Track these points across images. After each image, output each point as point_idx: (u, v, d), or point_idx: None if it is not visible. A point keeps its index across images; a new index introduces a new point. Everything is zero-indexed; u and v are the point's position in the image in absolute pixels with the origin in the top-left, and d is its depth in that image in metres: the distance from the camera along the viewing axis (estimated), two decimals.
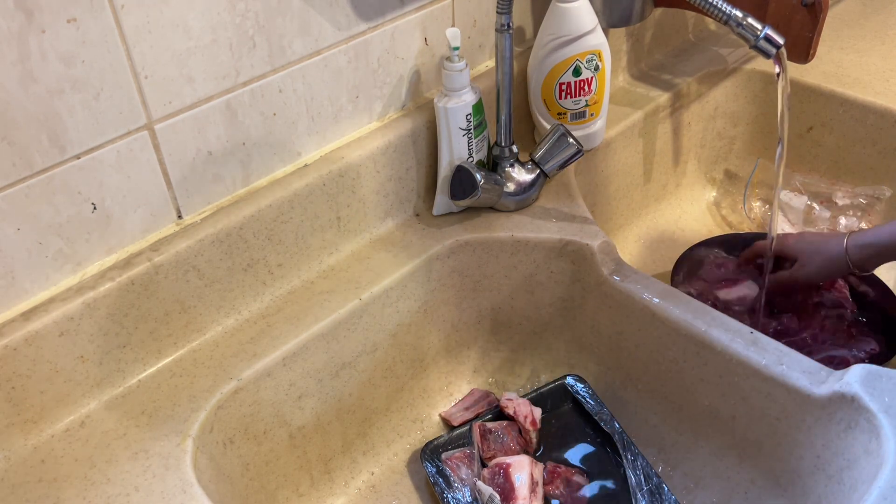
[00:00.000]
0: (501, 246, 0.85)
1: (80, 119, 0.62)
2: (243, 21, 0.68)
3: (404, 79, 0.83)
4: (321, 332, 0.75)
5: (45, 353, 0.64)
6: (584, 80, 0.90)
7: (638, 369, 0.83)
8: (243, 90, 0.70)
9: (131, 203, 0.68)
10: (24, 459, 0.64)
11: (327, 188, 0.78)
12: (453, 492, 0.77)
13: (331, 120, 0.79)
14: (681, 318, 0.76)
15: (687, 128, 1.12)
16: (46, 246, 0.64)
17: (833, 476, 0.67)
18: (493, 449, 0.80)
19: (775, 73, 0.76)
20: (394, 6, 0.78)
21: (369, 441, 0.83)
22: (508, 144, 0.86)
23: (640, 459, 0.77)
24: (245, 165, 0.74)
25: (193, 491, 0.61)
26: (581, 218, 0.86)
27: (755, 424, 0.74)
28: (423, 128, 0.84)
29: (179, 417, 0.67)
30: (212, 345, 0.73)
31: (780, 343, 0.72)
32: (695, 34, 1.17)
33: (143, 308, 0.69)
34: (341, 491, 0.81)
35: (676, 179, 1.15)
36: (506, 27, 0.78)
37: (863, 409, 0.64)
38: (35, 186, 0.61)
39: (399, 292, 0.81)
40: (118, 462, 0.64)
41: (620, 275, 0.81)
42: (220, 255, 0.72)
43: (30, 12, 0.56)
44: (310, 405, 0.77)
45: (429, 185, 0.88)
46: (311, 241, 0.79)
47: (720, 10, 0.78)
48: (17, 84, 0.58)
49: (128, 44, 0.62)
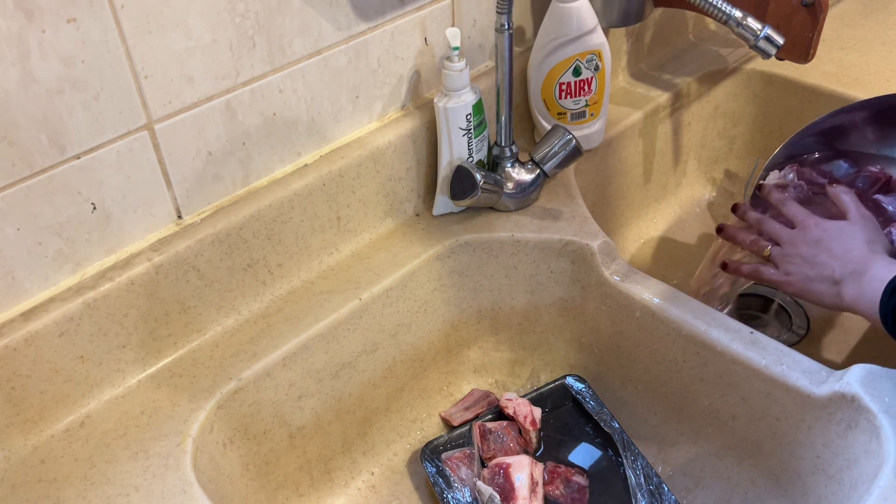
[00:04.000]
0: (501, 246, 0.85)
1: (79, 119, 0.62)
2: (243, 21, 0.68)
3: (404, 79, 0.83)
4: (321, 332, 0.75)
5: (45, 353, 0.64)
6: (584, 80, 0.90)
7: (638, 369, 0.83)
8: (243, 90, 0.70)
9: (131, 203, 0.68)
10: (24, 459, 0.64)
11: (327, 188, 0.78)
12: (453, 492, 0.77)
13: (331, 120, 0.79)
14: (681, 318, 0.76)
15: (687, 128, 1.12)
16: (46, 246, 0.64)
17: (833, 476, 0.67)
18: (493, 449, 0.80)
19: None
20: (394, 6, 0.78)
21: (369, 441, 0.83)
22: (508, 144, 0.86)
23: (640, 459, 0.77)
24: (245, 165, 0.74)
25: (193, 491, 0.61)
26: (581, 218, 0.86)
27: (755, 424, 0.74)
28: (423, 128, 0.84)
29: (179, 417, 0.67)
30: (212, 345, 0.73)
31: (779, 343, 0.72)
32: (695, 34, 1.17)
33: (142, 308, 0.69)
34: (341, 491, 0.81)
35: (676, 179, 1.15)
36: (506, 27, 0.78)
37: (863, 409, 0.64)
38: (35, 186, 0.61)
39: (399, 292, 0.81)
40: (118, 462, 0.64)
41: (620, 275, 0.81)
42: (220, 255, 0.72)
43: (30, 12, 0.56)
44: (310, 405, 0.77)
45: (429, 185, 0.88)
46: (311, 241, 0.79)
47: (720, 10, 0.78)
48: (17, 84, 0.58)
49: (128, 44, 0.62)
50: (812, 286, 0.78)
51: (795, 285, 0.80)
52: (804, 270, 0.79)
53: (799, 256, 0.80)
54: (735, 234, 0.89)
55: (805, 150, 0.92)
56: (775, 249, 0.83)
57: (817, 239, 0.78)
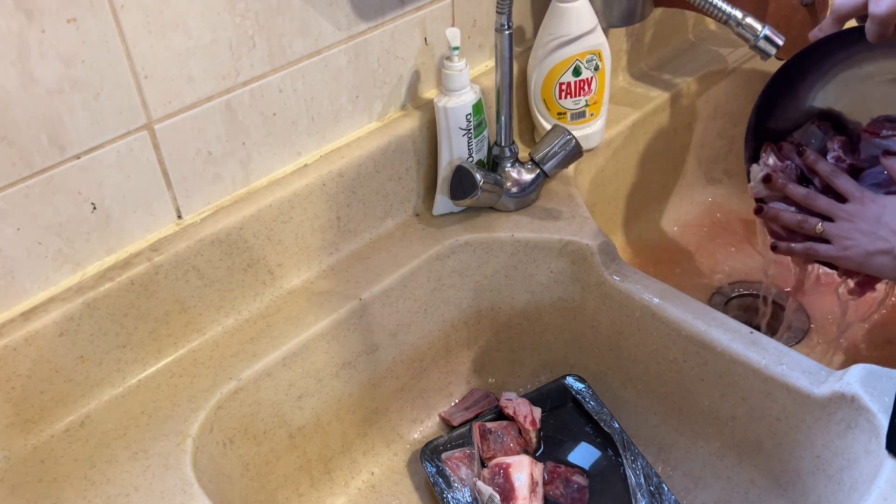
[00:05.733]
0: (501, 246, 0.85)
1: (79, 119, 0.62)
2: (243, 21, 0.68)
3: (404, 79, 0.83)
4: (321, 332, 0.75)
5: (45, 353, 0.64)
6: (583, 80, 0.90)
7: (638, 369, 0.83)
8: (243, 90, 0.70)
9: (131, 203, 0.68)
10: (24, 459, 0.64)
11: (327, 188, 0.78)
12: (453, 492, 0.77)
13: (331, 120, 0.79)
14: (681, 318, 0.76)
15: (687, 128, 1.12)
16: (46, 246, 0.64)
17: (833, 476, 0.67)
18: (493, 449, 0.80)
19: None
20: (394, 6, 0.78)
21: (369, 441, 0.83)
22: (508, 144, 0.86)
23: (640, 459, 0.77)
24: (245, 165, 0.74)
25: (193, 491, 0.61)
26: (581, 218, 0.86)
27: (755, 424, 0.74)
28: (423, 128, 0.84)
29: (179, 417, 0.67)
30: (212, 345, 0.73)
31: (779, 343, 0.72)
32: (695, 34, 1.17)
33: (142, 308, 0.69)
34: (341, 491, 0.81)
35: (676, 179, 1.15)
36: (506, 27, 0.78)
37: (863, 409, 0.64)
38: (35, 186, 0.61)
39: (399, 292, 0.81)
40: (118, 462, 0.64)
41: (620, 275, 0.81)
42: (220, 255, 0.72)
43: (30, 12, 0.56)
44: (310, 405, 0.77)
45: (429, 185, 0.88)
46: (311, 241, 0.79)
47: (720, 10, 0.78)
48: (17, 84, 0.58)
49: (128, 44, 0.62)
50: (872, 260, 0.78)
51: (855, 260, 0.80)
52: (864, 245, 0.79)
53: (858, 231, 0.79)
54: (778, 215, 0.86)
55: (769, 135, 0.90)
56: (828, 226, 0.81)
57: (877, 215, 0.78)
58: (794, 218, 0.84)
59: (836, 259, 0.82)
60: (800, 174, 0.86)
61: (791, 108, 0.87)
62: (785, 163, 0.86)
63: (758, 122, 0.88)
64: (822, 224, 0.82)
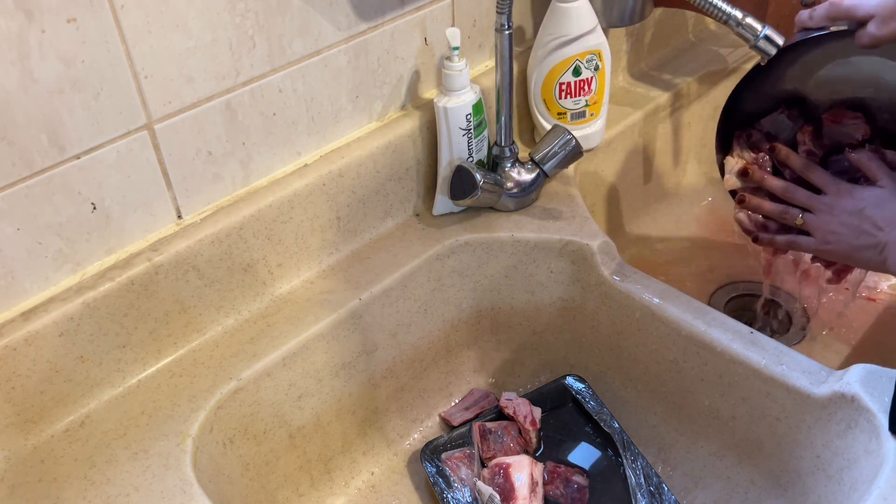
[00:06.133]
0: (501, 246, 0.85)
1: (79, 119, 0.62)
2: (243, 21, 0.68)
3: (404, 79, 0.83)
4: (321, 332, 0.75)
5: (45, 353, 0.64)
6: (583, 80, 0.90)
7: (638, 369, 0.83)
8: (243, 90, 0.70)
9: (131, 203, 0.68)
10: (24, 459, 0.64)
11: (327, 188, 0.78)
12: (453, 492, 0.77)
13: (331, 120, 0.79)
14: (681, 318, 0.76)
15: (687, 128, 1.12)
16: (46, 246, 0.64)
17: (833, 476, 0.67)
18: (493, 449, 0.80)
19: None
20: (394, 6, 0.78)
21: (369, 441, 0.83)
22: (508, 144, 0.86)
23: (640, 459, 0.77)
24: (245, 165, 0.74)
25: (193, 491, 0.61)
26: (581, 218, 0.86)
27: (755, 424, 0.74)
28: (423, 128, 0.84)
29: (179, 417, 0.67)
30: (212, 345, 0.73)
31: (779, 343, 0.72)
32: (695, 34, 1.17)
33: (142, 308, 0.69)
34: (341, 491, 0.81)
35: (676, 179, 1.15)
36: (506, 27, 0.78)
37: (863, 408, 0.64)
38: (35, 186, 0.61)
39: (399, 292, 0.81)
40: (118, 462, 0.64)
41: (620, 275, 0.81)
42: (220, 255, 0.72)
43: (30, 12, 0.56)
44: (310, 405, 0.77)
45: (429, 185, 0.88)
46: (311, 241, 0.79)
47: (720, 10, 0.78)
48: (17, 84, 0.58)
49: (128, 44, 0.62)
50: (858, 254, 0.79)
51: (839, 253, 0.80)
52: (848, 240, 0.79)
53: (839, 224, 0.79)
54: (760, 204, 0.86)
55: (738, 119, 0.90)
56: (808, 217, 0.82)
57: (858, 208, 0.78)
58: (777, 208, 0.84)
59: (819, 252, 0.83)
60: (773, 165, 0.87)
61: (759, 91, 0.87)
62: (759, 154, 0.86)
63: (727, 113, 0.88)
64: (803, 215, 0.82)
